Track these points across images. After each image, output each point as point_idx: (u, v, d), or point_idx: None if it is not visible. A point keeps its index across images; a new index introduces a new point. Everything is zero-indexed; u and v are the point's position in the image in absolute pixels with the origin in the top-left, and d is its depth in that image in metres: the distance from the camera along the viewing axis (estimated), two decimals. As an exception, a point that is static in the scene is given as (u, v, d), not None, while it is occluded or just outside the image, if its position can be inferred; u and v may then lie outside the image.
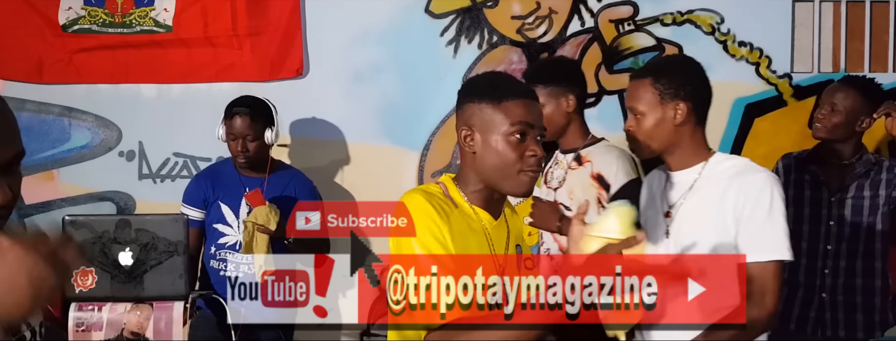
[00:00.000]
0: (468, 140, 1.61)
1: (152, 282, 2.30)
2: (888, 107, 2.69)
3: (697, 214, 1.94)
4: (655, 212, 2.04)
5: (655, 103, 2.00)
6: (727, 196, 1.90)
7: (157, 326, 2.32)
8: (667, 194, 2.03)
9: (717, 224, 1.90)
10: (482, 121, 1.60)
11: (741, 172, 1.94)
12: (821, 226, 2.79)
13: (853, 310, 2.77)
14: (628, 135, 2.06)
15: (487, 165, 1.60)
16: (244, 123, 2.91)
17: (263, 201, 2.86)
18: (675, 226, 1.97)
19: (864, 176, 2.75)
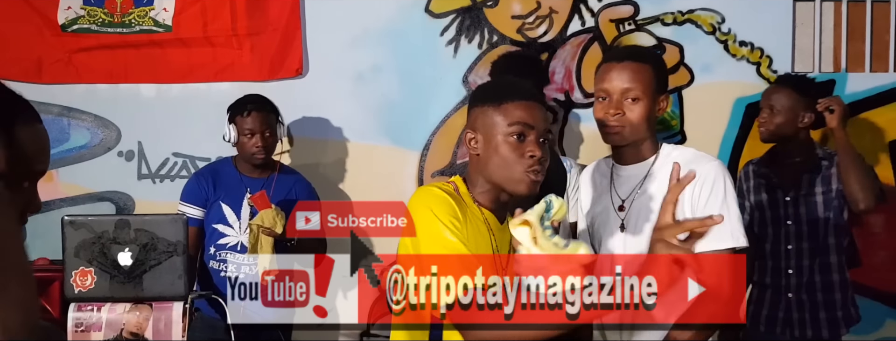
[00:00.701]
0: (472, 143, 1.67)
1: (152, 283, 2.29)
2: (830, 101, 2.84)
3: (652, 206, 1.89)
4: (606, 207, 1.98)
5: (651, 92, 1.92)
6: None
7: (156, 326, 2.31)
8: (617, 188, 1.98)
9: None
10: (484, 123, 1.65)
11: (691, 161, 1.87)
12: (780, 226, 2.86)
13: (816, 309, 2.82)
14: (606, 121, 1.91)
15: (491, 166, 1.65)
16: (261, 118, 2.92)
17: (269, 204, 2.85)
18: (630, 219, 1.93)
19: (815, 171, 2.83)
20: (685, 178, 1.52)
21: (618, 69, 1.91)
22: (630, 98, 1.89)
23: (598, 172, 2.06)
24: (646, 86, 1.90)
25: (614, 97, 1.90)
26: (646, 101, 1.90)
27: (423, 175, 3.45)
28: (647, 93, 1.90)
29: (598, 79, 1.95)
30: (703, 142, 3.41)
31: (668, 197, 1.50)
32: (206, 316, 2.87)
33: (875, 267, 3.40)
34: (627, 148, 1.95)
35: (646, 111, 1.90)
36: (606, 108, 1.91)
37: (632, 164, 1.96)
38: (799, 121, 2.81)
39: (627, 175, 1.96)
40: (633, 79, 1.89)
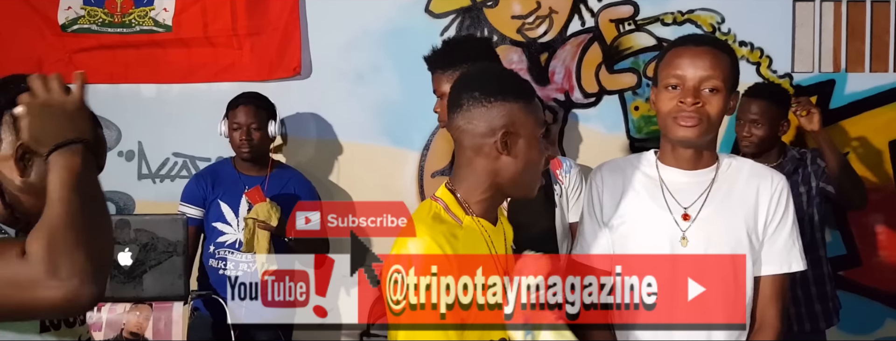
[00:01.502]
0: (508, 141, 1.49)
1: (151, 283, 2.29)
2: (802, 106, 2.90)
3: (723, 218, 1.73)
4: (654, 214, 1.76)
5: (729, 85, 1.69)
6: (751, 200, 1.74)
7: (156, 326, 2.31)
8: (674, 194, 1.76)
9: (740, 228, 1.73)
10: (519, 123, 1.49)
11: (761, 174, 1.78)
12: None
13: (811, 302, 2.90)
14: (680, 113, 1.67)
15: (518, 170, 1.52)
16: (248, 112, 2.95)
17: (264, 198, 2.86)
18: (695, 229, 1.72)
19: (795, 172, 2.90)
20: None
21: (696, 54, 1.68)
22: (708, 88, 1.66)
23: (636, 173, 1.81)
24: (725, 77, 1.67)
25: (689, 85, 1.66)
26: (724, 95, 1.67)
27: (423, 175, 3.45)
28: (725, 85, 1.67)
29: (667, 65, 1.71)
30: (703, 142, 3.41)
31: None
32: (203, 316, 2.88)
33: (875, 267, 3.40)
34: (695, 150, 1.74)
35: (723, 105, 1.68)
36: (681, 98, 1.66)
37: (695, 170, 1.76)
38: (780, 130, 2.91)
39: (688, 181, 1.75)
40: (714, 66, 1.66)
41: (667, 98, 1.68)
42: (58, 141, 1.16)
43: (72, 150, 1.16)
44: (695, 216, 1.72)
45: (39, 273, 1.05)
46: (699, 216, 1.72)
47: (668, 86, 1.69)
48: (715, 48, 1.70)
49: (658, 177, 1.77)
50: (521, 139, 1.50)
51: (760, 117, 2.88)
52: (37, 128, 1.18)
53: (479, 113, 1.50)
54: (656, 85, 1.74)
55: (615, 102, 3.41)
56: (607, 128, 3.42)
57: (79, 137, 1.18)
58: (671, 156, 1.76)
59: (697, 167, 1.76)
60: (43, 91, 1.21)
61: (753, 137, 2.89)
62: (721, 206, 1.73)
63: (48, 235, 1.07)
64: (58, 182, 1.13)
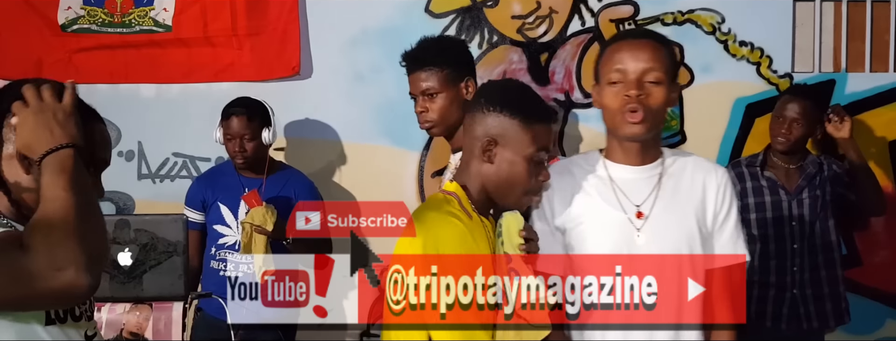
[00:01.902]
0: (490, 150, 1.59)
1: (151, 283, 2.29)
2: (837, 113, 3.00)
3: (674, 213, 1.72)
4: (607, 213, 1.73)
5: (669, 77, 1.69)
6: (698, 193, 1.74)
7: (156, 327, 2.31)
8: (625, 192, 1.73)
9: (692, 222, 1.72)
10: (507, 137, 1.58)
11: (705, 167, 1.77)
12: (784, 227, 2.97)
13: (822, 301, 2.97)
14: (625, 107, 1.65)
15: (499, 179, 1.60)
16: (241, 123, 2.92)
17: (260, 202, 2.86)
18: (649, 227, 1.71)
19: (815, 176, 3.00)
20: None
21: (635, 47, 1.67)
22: (650, 80, 1.65)
23: (584, 174, 1.78)
24: (666, 69, 1.67)
25: (632, 78, 1.65)
26: (666, 86, 1.67)
27: (423, 175, 3.45)
28: (666, 76, 1.67)
29: (608, 60, 1.70)
30: (703, 142, 3.41)
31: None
32: (208, 316, 2.88)
33: (875, 267, 3.40)
34: (642, 145, 1.73)
35: (666, 97, 1.67)
36: (624, 91, 1.64)
37: (643, 166, 1.75)
38: (815, 131, 3.00)
39: (637, 177, 1.74)
40: (654, 58, 1.66)
41: (611, 93, 1.67)
42: (49, 147, 1.22)
43: (63, 154, 1.23)
44: (648, 213, 1.71)
45: (39, 264, 1.12)
46: (652, 213, 1.71)
47: (610, 82, 1.67)
48: (653, 41, 1.70)
49: (607, 175, 1.75)
50: (505, 151, 1.58)
51: (802, 117, 2.95)
52: (29, 135, 1.24)
53: (479, 117, 1.60)
54: (598, 82, 1.73)
55: (615, 102, 3.41)
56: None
57: (69, 142, 1.24)
58: (619, 152, 1.75)
59: (645, 162, 1.74)
60: (35, 100, 1.26)
61: (792, 136, 2.96)
62: (671, 201, 1.72)
63: (44, 228, 1.15)
64: (49, 181, 1.20)
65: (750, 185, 3.04)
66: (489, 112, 1.59)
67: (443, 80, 2.14)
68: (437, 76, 2.13)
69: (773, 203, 3.00)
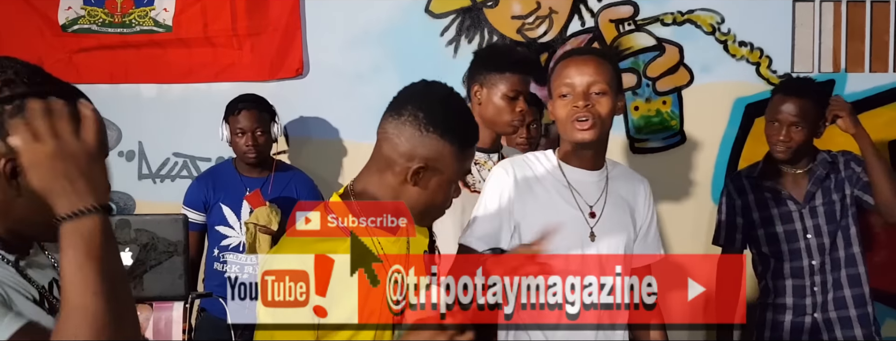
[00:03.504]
0: (416, 176, 1.50)
1: (152, 283, 2.29)
2: (838, 106, 2.58)
3: (621, 214, 1.91)
4: (564, 213, 1.86)
5: (614, 88, 1.86)
6: (631, 200, 1.94)
7: (156, 326, 2.31)
8: (581, 193, 1.89)
9: (629, 224, 1.92)
10: (442, 163, 1.49)
11: (635, 178, 2.00)
12: (799, 241, 2.61)
13: (849, 326, 2.59)
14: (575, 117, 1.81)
15: (421, 203, 1.53)
16: (252, 117, 2.92)
17: (264, 202, 2.86)
18: (601, 226, 1.87)
19: (827, 178, 2.62)
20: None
21: (581, 63, 1.86)
22: (596, 91, 1.83)
23: (543, 172, 1.91)
24: (609, 80, 1.84)
25: (579, 90, 1.83)
26: (611, 96, 1.84)
27: (423, 175, 3.45)
28: (610, 88, 1.84)
29: (558, 75, 1.88)
30: (703, 142, 3.41)
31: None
32: (211, 317, 2.88)
33: (875, 267, 3.39)
34: (594, 150, 1.89)
35: (612, 105, 1.85)
36: (573, 103, 1.82)
37: (594, 170, 1.91)
38: (818, 131, 2.58)
39: (589, 181, 1.90)
40: (598, 72, 1.84)
41: (561, 105, 1.85)
42: (71, 209, 0.96)
43: (90, 224, 0.97)
44: (599, 213, 1.88)
45: None
46: (603, 214, 1.88)
47: (561, 95, 1.85)
48: (597, 57, 1.89)
49: (563, 176, 1.90)
50: (435, 178, 1.49)
51: (801, 119, 2.52)
52: (45, 184, 0.97)
53: (410, 133, 1.49)
54: (551, 97, 1.90)
55: (615, 102, 3.41)
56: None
57: (97, 204, 0.97)
58: (574, 157, 1.90)
59: (596, 167, 1.92)
60: (50, 135, 0.98)
61: (792, 142, 2.54)
62: (616, 205, 1.90)
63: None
64: (75, 273, 0.96)
65: (752, 198, 2.68)
66: (428, 133, 1.47)
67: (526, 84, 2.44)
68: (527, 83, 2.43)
69: (781, 215, 2.62)
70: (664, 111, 3.42)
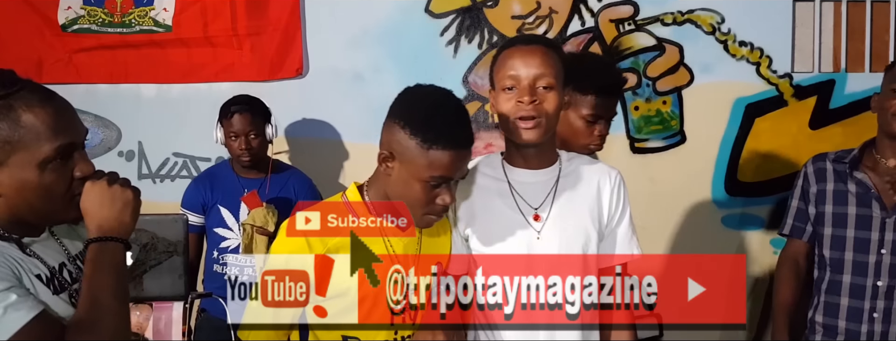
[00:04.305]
0: (386, 162, 1.56)
1: (152, 283, 2.29)
2: None
3: (570, 215, 1.75)
4: (505, 216, 1.76)
5: (561, 82, 1.70)
6: (593, 194, 1.78)
7: (156, 326, 2.31)
8: (522, 195, 1.76)
9: (588, 223, 1.76)
10: (405, 156, 1.52)
11: (601, 170, 1.82)
12: (869, 254, 2.18)
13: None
14: (519, 113, 1.68)
15: (396, 194, 1.57)
16: (245, 120, 2.90)
17: (260, 203, 2.85)
18: (546, 229, 1.73)
19: None
20: None
21: (527, 53, 1.69)
22: (543, 85, 1.67)
23: (484, 177, 1.80)
24: (557, 74, 1.69)
25: (525, 84, 1.67)
26: (558, 91, 1.69)
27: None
28: (557, 81, 1.69)
29: (501, 67, 1.71)
30: (703, 142, 3.41)
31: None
32: (212, 317, 2.88)
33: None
34: (539, 149, 1.75)
35: (559, 101, 1.70)
36: (517, 97, 1.67)
37: (539, 170, 1.77)
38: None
39: (534, 181, 1.77)
40: (545, 64, 1.67)
41: (504, 99, 1.70)
42: (104, 233, 1.32)
43: (116, 248, 1.34)
44: (545, 216, 1.74)
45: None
46: (549, 215, 1.74)
47: (504, 88, 1.70)
48: (544, 46, 1.72)
49: (505, 178, 1.78)
50: (401, 169, 1.54)
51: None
52: (97, 209, 1.33)
53: (388, 124, 1.57)
54: (493, 88, 1.75)
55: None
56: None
57: (125, 237, 1.35)
58: (517, 156, 1.78)
59: (542, 166, 1.78)
60: (107, 185, 1.34)
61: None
62: (567, 204, 1.75)
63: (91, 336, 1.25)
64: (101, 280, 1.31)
65: (830, 188, 2.25)
66: (394, 123, 1.54)
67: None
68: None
69: (859, 218, 2.19)
70: (664, 111, 3.42)
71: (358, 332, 1.57)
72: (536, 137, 1.69)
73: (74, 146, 1.32)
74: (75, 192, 1.32)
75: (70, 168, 1.31)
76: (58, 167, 1.29)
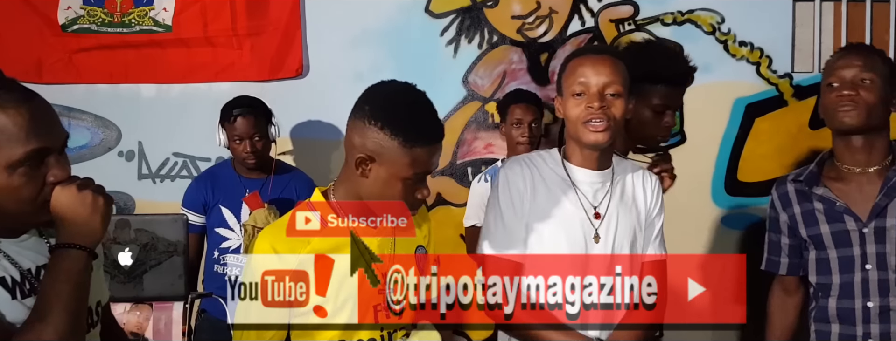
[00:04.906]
0: (364, 166, 1.55)
1: (152, 283, 2.29)
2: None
3: (623, 215, 1.83)
4: (568, 212, 1.81)
5: (627, 90, 1.78)
6: (639, 196, 1.88)
7: (156, 326, 2.31)
8: (585, 193, 1.83)
9: (635, 224, 1.85)
10: (385, 156, 1.53)
11: (640, 173, 1.92)
12: (854, 272, 1.93)
13: None
14: (590, 118, 1.74)
15: (374, 194, 1.57)
16: (249, 123, 2.89)
17: (262, 204, 2.85)
18: (603, 228, 1.81)
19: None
20: None
21: (597, 62, 1.77)
22: (611, 93, 1.75)
23: (548, 172, 1.85)
24: (624, 82, 1.77)
25: (594, 91, 1.75)
26: (625, 99, 1.77)
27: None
28: (624, 90, 1.77)
29: (570, 73, 1.79)
30: (703, 142, 3.41)
31: None
32: (212, 317, 2.87)
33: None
34: (601, 152, 1.82)
35: (625, 108, 1.77)
36: (587, 103, 1.74)
37: (600, 171, 1.84)
38: (893, 104, 1.95)
39: (594, 181, 1.84)
40: (614, 72, 1.76)
41: (573, 104, 1.77)
42: (71, 240, 1.27)
43: (78, 256, 1.27)
44: (604, 214, 1.83)
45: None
46: (607, 214, 1.83)
47: (574, 94, 1.77)
48: (613, 56, 1.80)
49: (568, 176, 1.84)
50: (381, 170, 1.53)
51: (871, 76, 1.92)
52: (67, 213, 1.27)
53: (359, 126, 1.56)
54: (561, 94, 1.83)
55: (615, 102, 3.41)
56: (607, 128, 3.42)
57: (88, 243, 1.28)
58: (579, 156, 1.84)
59: (601, 167, 1.85)
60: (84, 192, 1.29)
61: (862, 103, 1.91)
62: (620, 204, 1.85)
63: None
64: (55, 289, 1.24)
65: (798, 211, 2.04)
66: (370, 125, 1.53)
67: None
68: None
69: (835, 236, 1.95)
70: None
71: (340, 333, 1.57)
72: (604, 140, 1.76)
73: (48, 151, 1.27)
74: (47, 197, 1.28)
75: (43, 172, 1.27)
76: (28, 171, 1.25)
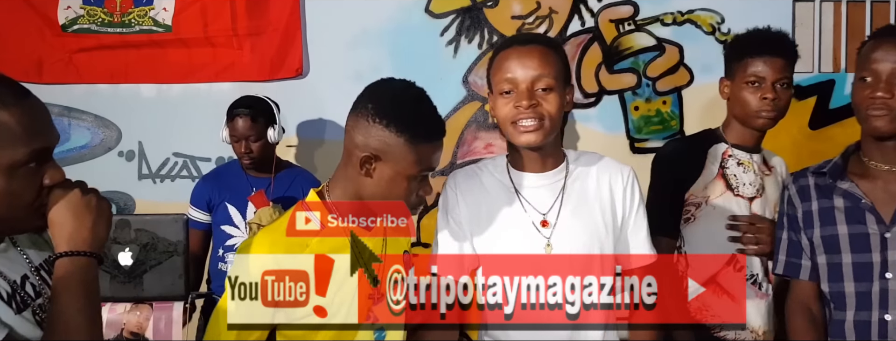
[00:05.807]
0: (368, 164, 1.51)
1: (152, 283, 2.29)
2: None
3: (578, 221, 1.68)
4: (513, 222, 1.70)
5: (561, 82, 1.64)
6: (606, 194, 1.71)
7: (156, 326, 2.31)
8: (529, 200, 1.70)
9: (600, 226, 1.69)
10: (390, 154, 1.50)
11: (612, 167, 1.74)
12: (872, 281, 1.74)
13: None
14: (518, 118, 1.62)
15: (376, 195, 1.55)
16: (245, 124, 2.90)
17: (267, 202, 2.85)
18: (556, 236, 1.67)
19: None
20: None
21: (524, 54, 1.63)
22: (542, 88, 1.62)
23: (490, 179, 1.75)
24: (556, 74, 1.63)
25: (523, 88, 1.62)
26: (558, 92, 1.63)
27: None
28: (557, 82, 1.63)
29: (497, 69, 1.66)
30: (703, 142, 3.41)
31: None
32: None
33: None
34: (542, 151, 1.69)
35: (560, 102, 1.63)
36: (515, 102, 1.62)
37: (545, 172, 1.71)
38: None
39: (540, 184, 1.71)
40: (543, 64, 1.62)
41: (502, 104, 1.65)
42: (72, 247, 1.18)
43: (86, 263, 1.18)
44: (554, 222, 1.67)
45: None
46: (558, 221, 1.67)
47: (502, 92, 1.65)
48: (542, 46, 1.66)
49: (511, 183, 1.72)
50: (386, 168, 1.51)
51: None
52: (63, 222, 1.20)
53: (362, 124, 1.53)
54: (491, 91, 1.70)
55: (615, 102, 3.41)
56: (607, 129, 3.42)
57: (96, 250, 1.20)
58: (520, 160, 1.73)
59: (547, 169, 1.72)
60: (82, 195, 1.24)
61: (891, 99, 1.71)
62: (578, 207, 1.69)
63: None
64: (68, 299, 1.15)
65: (815, 208, 1.83)
66: (374, 123, 1.51)
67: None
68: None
69: (853, 239, 1.75)
70: (664, 111, 3.42)
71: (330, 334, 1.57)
72: (537, 140, 1.64)
73: (49, 150, 1.21)
74: (44, 201, 1.20)
75: (41, 174, 1.19)
76: (29, 173, 1.17)
